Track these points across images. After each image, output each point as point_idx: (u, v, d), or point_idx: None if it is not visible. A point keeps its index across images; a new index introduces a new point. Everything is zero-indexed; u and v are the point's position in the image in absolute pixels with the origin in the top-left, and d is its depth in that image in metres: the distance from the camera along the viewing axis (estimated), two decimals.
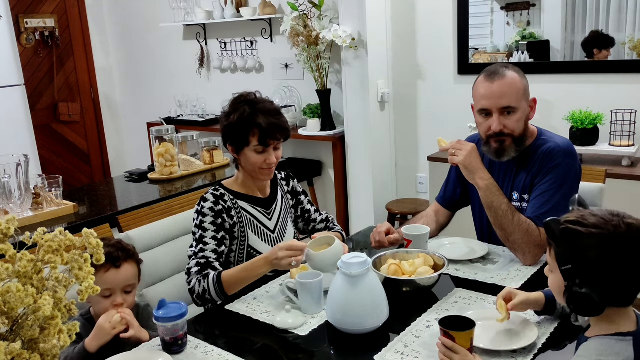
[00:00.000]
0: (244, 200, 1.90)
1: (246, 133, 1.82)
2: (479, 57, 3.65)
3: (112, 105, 5.73)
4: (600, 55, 3.25)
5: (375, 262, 1.71)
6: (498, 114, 1.87)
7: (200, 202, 1.86)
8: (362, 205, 3.87)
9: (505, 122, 1.87)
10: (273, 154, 1.87)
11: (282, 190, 2.04)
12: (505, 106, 1.86)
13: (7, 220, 1.07)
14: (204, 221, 1.81)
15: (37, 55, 5.15)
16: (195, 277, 1.72)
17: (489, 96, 1.87)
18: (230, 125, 1.83)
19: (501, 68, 1.89)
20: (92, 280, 1.09)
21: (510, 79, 1.86)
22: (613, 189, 2.31)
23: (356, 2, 3.61)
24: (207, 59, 4.90)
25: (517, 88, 1.86)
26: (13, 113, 4.14)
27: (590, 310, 1.12)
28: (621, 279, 1.11)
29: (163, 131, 3.15)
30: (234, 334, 1.57)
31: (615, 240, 1.10)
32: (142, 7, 5.22)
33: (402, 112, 3.97)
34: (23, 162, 2.42)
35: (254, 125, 1.81)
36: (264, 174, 1.89)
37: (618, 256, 1.10)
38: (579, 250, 1.12)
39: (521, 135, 1.89)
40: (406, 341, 1.42)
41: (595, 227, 1.12)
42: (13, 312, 1.02)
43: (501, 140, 1.89)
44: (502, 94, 1.85)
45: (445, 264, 1.68)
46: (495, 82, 1.86)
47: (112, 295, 1.57)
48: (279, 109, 1.90)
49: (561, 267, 1.14)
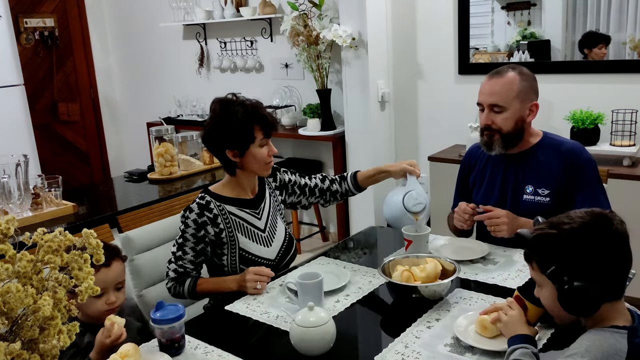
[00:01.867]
0: (231, 204, 1.91)
1: (251, 130, 1.83)
2: (479, 56, 3.65)
3: (112, 105, 5.72)
4: (592, 54, 3.25)
5: (384, 268, 1.70)
6: (488, 109, 1.98)
7: (186, 211, 1.88)
8: (362, 205, 3.87)
9: (493, 118, 1.97)
10: (272, 144, 1.92)
11: (269, 188, 2.05)
12: (492, 103, 1.95)
13: (6, 220, 1.07)
14: (186, 231, 1.86)
15: (37, 55, 5.15)
16: (172, 283, 1.87)
17: (482, 92, 2.00)
18: (233, 127, 1.82)
19: (506, 68, 1.98)
20: (92, 280, 1.09)
21: (508, 79, 1.95)
22: (614, 189, 2.31)
23: (356, 2, 3.61)
24: (207, 58, 4.90)
25: (510, 89, 1.94)
26: (12, 113, 4.14)
27: (586, 305, 1.14)
28: (604, 264, 1.15)
29: (163, 131, 3.15)
30: (234, 334, 1.56)
31: (585, 229, 1.16)
32: (142, 7, 5.22)
33: (402, 112, 3.96)
34: (22, 162, 2.42)
35: (256, 120, 1.84)
36: (269, 167, 1.94)
37: (593, 242, 1.15)
38: (557, 249, 1.17)
39: (509, 133, 1.97)
40: (406, 342, 1.42)
41: (564, 224, 1.18)
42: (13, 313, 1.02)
43: (490, 134, 1.99)
44: (492, 92, 1.96)
45: (457, 270, 1.65)
46: (492, 80, 1.98)
47: (104, 294, 1.57)
48: (262, 103, 1.94)
49: (546, 272, 1.18)
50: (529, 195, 1.98)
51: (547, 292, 1.22)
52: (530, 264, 1.25)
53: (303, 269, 1.88)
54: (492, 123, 1.97)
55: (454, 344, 1.40)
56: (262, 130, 1.85)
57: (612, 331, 1.15)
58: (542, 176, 1.97)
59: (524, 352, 1.22)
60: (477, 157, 2.16)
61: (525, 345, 1.25)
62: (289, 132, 4.18)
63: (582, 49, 3.29)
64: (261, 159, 1.87)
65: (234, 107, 1.83)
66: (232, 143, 1.84)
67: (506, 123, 1.95)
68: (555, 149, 1.99)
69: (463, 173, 2.23)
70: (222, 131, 1.84)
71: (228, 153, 1.86)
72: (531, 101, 1.98)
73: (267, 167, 1.92)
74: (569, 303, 1.15)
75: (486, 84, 1.99)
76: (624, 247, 1.17)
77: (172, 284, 1.87)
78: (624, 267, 1.17)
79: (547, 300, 1.24)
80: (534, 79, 2.00)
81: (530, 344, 1.26)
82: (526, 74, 1.97)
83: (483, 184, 2.11)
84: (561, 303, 1.16)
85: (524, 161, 2.01)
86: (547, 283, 1.20)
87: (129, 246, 2.00)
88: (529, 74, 1.99)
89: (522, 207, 1.97)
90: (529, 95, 1.97)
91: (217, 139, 1.86)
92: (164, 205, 2.21)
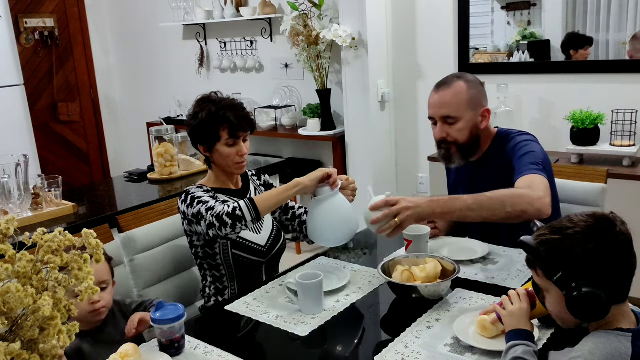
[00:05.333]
0: (221, 193, 1.98)
1: (216, 128, 1.90)
2: (479, 56, 3.65)
3: (112, 105, 5.72)
4: (578, 55, 3.27)
5: (384, 268, 1.70)
6: (441, 122, 1.96)
7: (183, 194, 1.91)
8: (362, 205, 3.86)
9: (447, 130, 1.95)
10: (243, 145, 1.95)
11: (253, 183, 2.11)
12: (444, 115, 1.94)
13: (6, 220, 1.07)
14: (200, 197, 1.86)
15: (37, 55, 5.14)
16: (221, 205, 1.79)
17: (432, 105, 1.97)
18: (200, 124, 1.91)
19: (452, 78, 1.97)
20: (92, 280, 1.09)
21: (456, 89, 1.93)
22: (614, 189, 2.31)
23: (356, 2, 3.61)
24: (207, 58, 4.90)
25: (460, 98, 1.92)
26: (12, 113, 4.14)
27: (596, 311, 1.13)
28: (611, 267, 1.13)
29: (163, 131, 3.15)
30: (234, 334, 1.56)
31: (590, 232, 1.14)
32: (142, 7, 5.22)
33: (403, 112, 3.96)
34: (22, 162, 2.42)
35: (223, 120, 1.90)
36: (239, 167, 1.97)
37: (599, 246, 1.13)
38: (562, 255, 1.15)
39: (466, 143, 1.95)
40: (406, 342, 1.42)
41: (567, 229, 1.16)
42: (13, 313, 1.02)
43: (447, 147, 1.97)
44: (443, 103, 1.93)
45: (457, 270, 1.65)
46: (439, 92, 1.96)
47: None
48: (242, 104, 1.98)
49: (553, 279, 1.16)
50: None
51: (554, 298, 1.20)
52: (534, 270, 1.23)
53: (303, 269, 1.87)
54: (447, 135, 1.95)
55: (454, 344, 1.39)
56: (227, 131, 1.90)
57: (616, 334, 1.13)
58: (501, 177, 1.92)
59: (526, 350, 1.22)
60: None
61: (527, 342, 1.24)
62: (289, 132, 4.18)
63: (566, 51, 3.31)
64: (228, 157, 1.93)
65: (205, 105, 1.92)
66: (200, 139, 1.94)
67: (461, 134, 1.94)
68: (506, 146, 1.97)
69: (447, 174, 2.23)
70: (193, 127, 1.94)
71: (200, 147, 1.96)
72: (482, 107, 1.96)
73: (237, 167, 1.96)
74: (579, 309, 1.13)
75: (434, 96, 1.96)
76: (629, 248, 1.16)
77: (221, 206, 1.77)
78: (629, 269, 1.16)
79: (553, 306, 1.22)
80: (481, 84, 2.00)
81: (532, 341, 1.26)
82: (473, 81, 1.96)
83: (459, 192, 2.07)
84: (570, 309, 1.14)
85: (482, 167, 2.01)
86: (554, 289, 1.18)
87: (129, 246, 2.00)
88: (475, 80, 1.98)
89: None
90: (480, 102, 1.96)
91: (191, 134, 1.96)
92: (164, 205, 2.20)
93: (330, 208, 1.78)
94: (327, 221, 1.77)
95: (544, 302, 1.25)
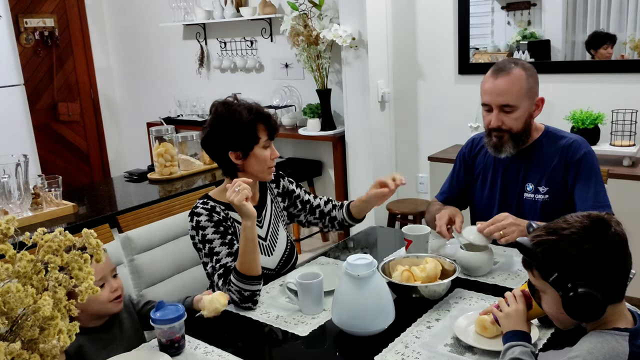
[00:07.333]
0: (234, 210, 1.82)
1: (255, 130, 1.81)
2: (479, 56, 3.65)
3: (112, 105, 5.72)
4: (598, 54, 3.25)
5: (384, 268, 1.70)
6: (497, 110, 1.89)
7: (193, 217, 1.81)
8: None
9: (503, 118, 1.89)
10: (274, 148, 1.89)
11: (271, 195, 2.01)
12: (503, 104, 1.87)
13: (6, 220, 1.07)
14: (205, 235, 1.77)
15: (37, 55, 5.15)
16: (226, 289, 1.69)
17: (490, 92, 1.90)
18: (236, 129, 1.79)
19: (509, 64, 1.89)
20: (92, 280, 1.09)
21: (515, 76, 1.86)
22: (614, 189, 2.31)
23: (356, 2, 3.61)
24: (207, 58, 4.90)
25: (519, 86, 1.86)
26: (12, 113, 4.14)
27: (592, 311, 1.13)
28: (606, 268, 1.13)
29: (163, 131, 3.15)
30: (234, 334, 1.56)
31: (585, 233, 1.14)
32: (142, 6, 5.22)
33: (402, 112, 3.96)
34: (22, 162, 2.42)
35: (261, 121, 1.82)
36: (271, 172, 1.89)
37: (594, 247, 1.13)
38: (558, 255, 1.15)
39: (520, 132, 1.91)
40: (407, 342, 1.42)
41: (562, 230, 1.16)
42: (13, 313, 1.02)
43: (500, 135, 1.92)
44: (502, 91, 1.86)
45: (457, 270, 1.65)
46: (498, 78, 1.88)
47: (105, 283, 1.53)
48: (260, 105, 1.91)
49: (549, 280, 1.16)
50: (530, 194, 1.95)
51: (550, 299, 1.20)
52: (530, 270, 1.23)
53: (303, 269, 1.87)
54: (502, 124, 1.89)
55: (454, 344, 1.40)
56: (266, 131, 1.83)
57: (613, 334, 1.14)
58: (543, 172, 1.93)
59: (523, 351, 1.22)
60: (479, 149, 2.10)
61: (524, 343, 1.25)
62: (289, 132, 4.18)
63: (589, 50, 3.28)
64: (264, 161, 1.84)
65: (237, 108, 1.81)
66: (235, 144, 1.81)
67: (517, 123, 1.89)
68: (555, 143, 1.94)
69: (462, 162, 2.15)
70: (226, 132, 1.80)
71: (231, 155, 1.82)
72: (537, 96, 1.92)
73: (269, 172, 1.88)
74: (575, 310, 1.13)
75: (491, 82, 1.88)
76: (624, 249, 1.16)
77: (225, 288, 1.69)
78: (625, 269, 1.17)
79: (550, 307, 1.22)
80: (536, 71, 1.94)
81: (529, 342, 1.26)
82: (529, 68, 1.90)
83: (486, 182, 2.06)
84: (566, 310, 1.14)
85: (525, 157, 1.97)
86: (550, 290, 1.18)
87: (129, 246, 2.00)
88: (532, 67, 1.92)
89: (523, 206, 1.96)
90: (536, 91, 1.91)
91: (220, 141, 1.82)
92: (164, 205, 2.21)
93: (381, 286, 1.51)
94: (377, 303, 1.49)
95: (539, 303, 1.25)
